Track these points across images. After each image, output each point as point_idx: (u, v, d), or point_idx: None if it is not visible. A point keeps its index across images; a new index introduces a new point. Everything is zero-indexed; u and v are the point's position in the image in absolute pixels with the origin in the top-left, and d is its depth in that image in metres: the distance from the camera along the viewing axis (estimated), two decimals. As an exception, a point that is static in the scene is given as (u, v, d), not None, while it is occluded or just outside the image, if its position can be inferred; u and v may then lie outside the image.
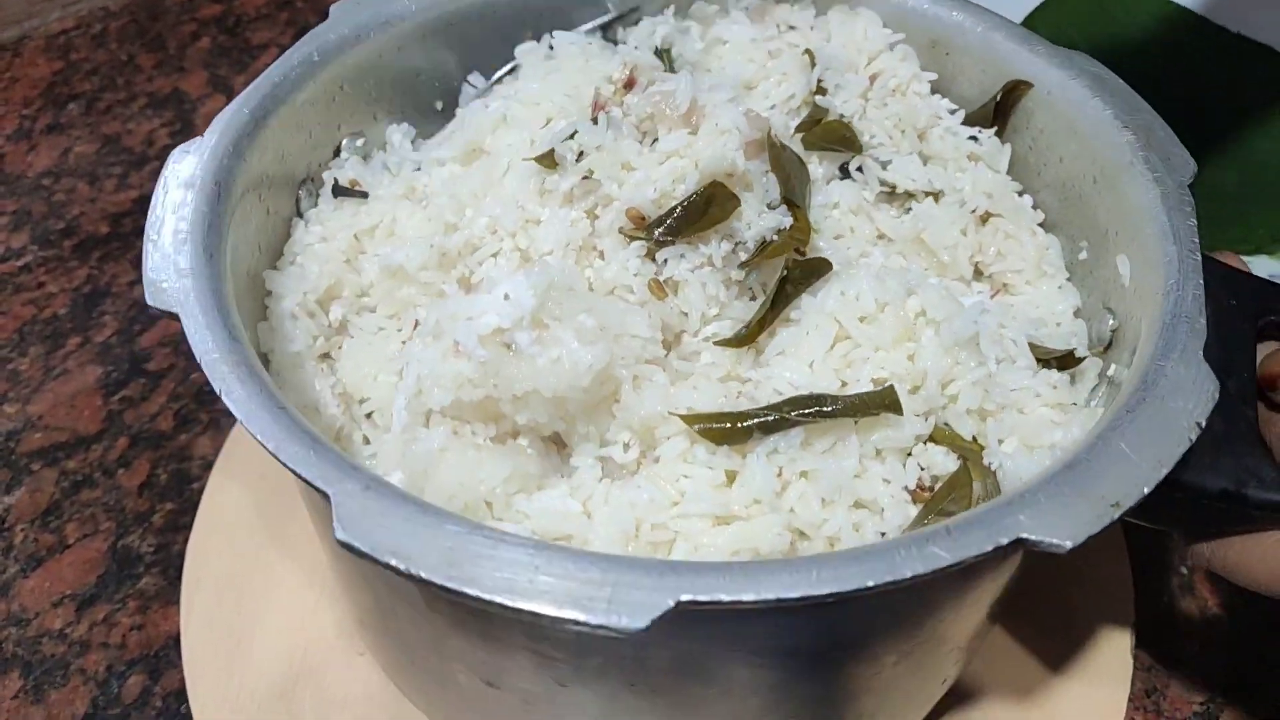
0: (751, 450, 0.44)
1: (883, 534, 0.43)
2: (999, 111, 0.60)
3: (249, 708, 0.59)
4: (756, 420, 0.44)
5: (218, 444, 0.71)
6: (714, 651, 0.40)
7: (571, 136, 0.52)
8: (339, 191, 0.57)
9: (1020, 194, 0.57)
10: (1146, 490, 0.37)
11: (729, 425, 0.44)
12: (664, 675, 0.42)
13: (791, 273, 0.49)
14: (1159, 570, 0.67)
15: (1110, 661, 0.62)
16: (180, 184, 0.48)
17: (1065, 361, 0.49)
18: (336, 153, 0.59)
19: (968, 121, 0.60)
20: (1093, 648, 0.63)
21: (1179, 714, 0.61)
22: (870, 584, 0.34)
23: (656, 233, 0.49)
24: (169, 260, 0.45)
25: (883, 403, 0.44)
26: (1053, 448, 0.45)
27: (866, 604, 0.38)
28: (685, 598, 0.33)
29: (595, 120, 0.53)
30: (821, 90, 0.59)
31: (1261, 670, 0.63)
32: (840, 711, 0.47)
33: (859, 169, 0.56)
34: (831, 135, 0.56)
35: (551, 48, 0.61)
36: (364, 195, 0.57)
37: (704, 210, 0.49)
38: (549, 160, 0.52)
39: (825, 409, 0.44)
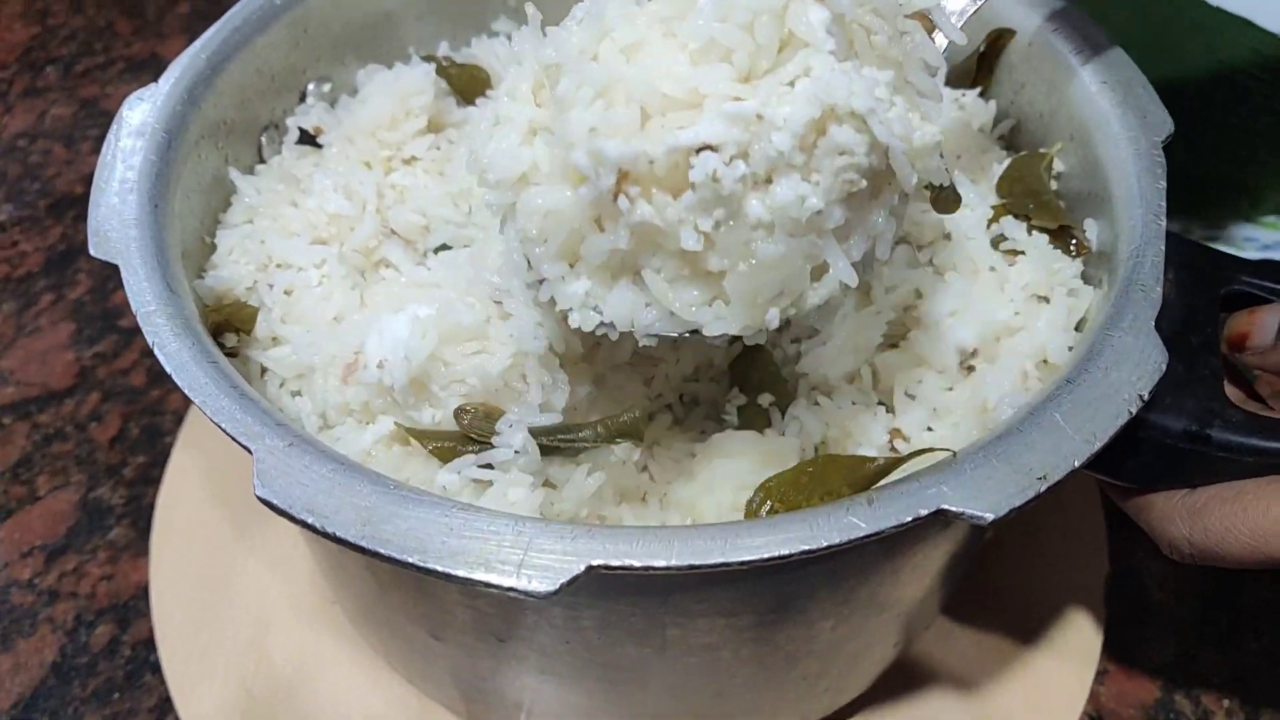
0: None
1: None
2: (983, 62, 0.58)
3: (218, 656, 0.59)
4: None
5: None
6: (642, 613, 0.40)
7: None
8: (303, 139, 0.56)
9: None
10: (1077, 464, 0.36)
11: None
12: (596, 634, 0.42)
13: None
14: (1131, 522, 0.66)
15: (1080, 624, 0.61)
16: (131, 132, 0.48)
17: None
18: (303, 98, 0.58)
19: (951, 75, 0.58)
20: (1064, 608, 0.62)
21: (1150, 663, 0.60)
22: (784, 553, 0.34)
23: None
24: (114, 210, 0.45)
25: None
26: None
27: (790, 570, 0.38)
28: (597, 562, 0.33)
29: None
30: None
31: (1236, 618, 0.62)
32: (781, 674, 0.47)
33: None
34: None
35: None
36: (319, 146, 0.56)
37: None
38: None
39: None
